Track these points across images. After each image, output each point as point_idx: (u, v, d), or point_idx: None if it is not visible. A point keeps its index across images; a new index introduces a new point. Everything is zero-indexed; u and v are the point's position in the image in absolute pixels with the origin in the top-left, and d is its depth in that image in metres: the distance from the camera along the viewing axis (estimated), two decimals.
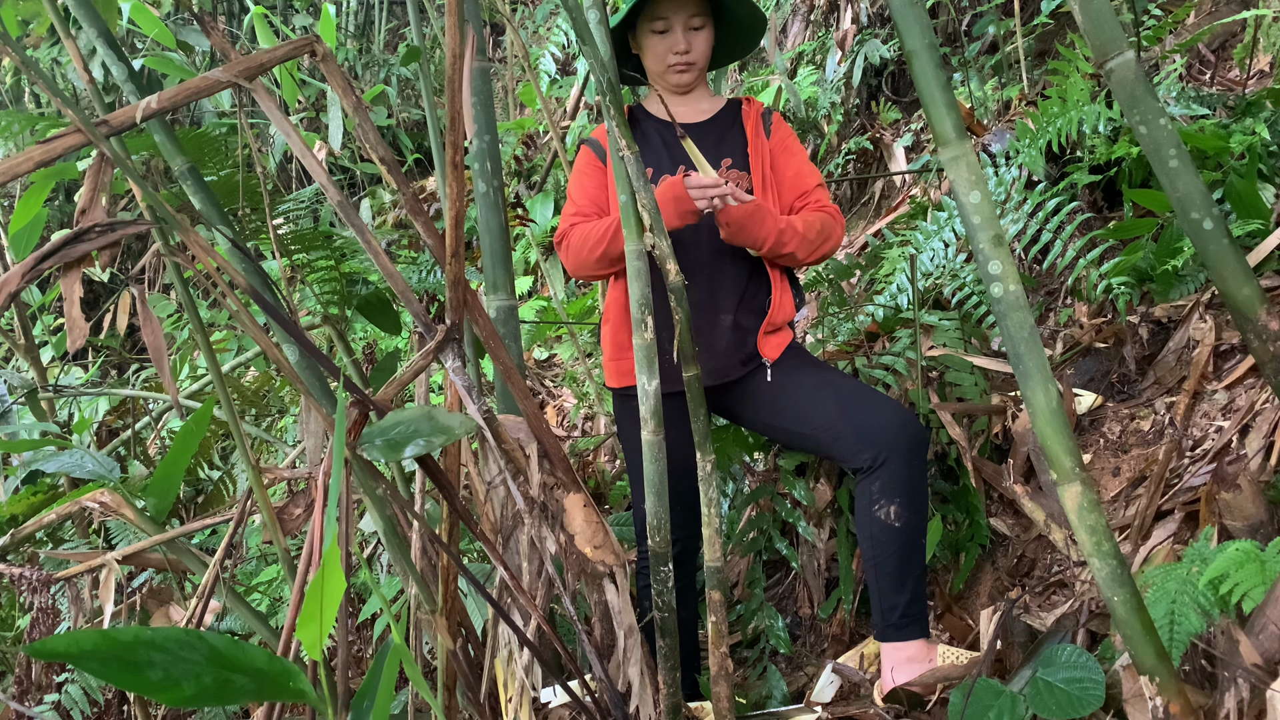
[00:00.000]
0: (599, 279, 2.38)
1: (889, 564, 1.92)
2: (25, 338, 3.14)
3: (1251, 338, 1.48)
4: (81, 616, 1.68)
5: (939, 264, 2.48)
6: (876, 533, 1.92)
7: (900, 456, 1.90)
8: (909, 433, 1.93)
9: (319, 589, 0.69)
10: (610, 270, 2.06)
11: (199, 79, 1.27)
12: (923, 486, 1.94)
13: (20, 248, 2.27)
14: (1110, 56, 1.45)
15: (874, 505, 1.91)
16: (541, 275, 4.80)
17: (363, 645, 2.66)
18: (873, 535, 1.93)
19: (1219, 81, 2.72)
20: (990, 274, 1.28)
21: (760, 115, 2.14)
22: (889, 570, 1.92)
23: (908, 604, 1.90)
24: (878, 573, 1.95)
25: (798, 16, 4.35)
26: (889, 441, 1.91)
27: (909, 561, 1.91)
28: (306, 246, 2.27)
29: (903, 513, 1.89)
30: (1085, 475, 1.28)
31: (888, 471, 1.91)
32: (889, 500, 1.90)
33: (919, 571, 1.93)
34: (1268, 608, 1.31)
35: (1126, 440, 2.13)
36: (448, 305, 1.42)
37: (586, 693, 1.59)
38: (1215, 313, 2.13)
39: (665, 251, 1.50)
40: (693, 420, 1.59)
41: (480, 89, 2.11)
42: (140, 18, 3.37)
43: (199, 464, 3.24)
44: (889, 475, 1.91)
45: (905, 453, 1.91)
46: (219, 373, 1.60)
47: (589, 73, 5.00)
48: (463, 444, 1.56)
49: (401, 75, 6.26)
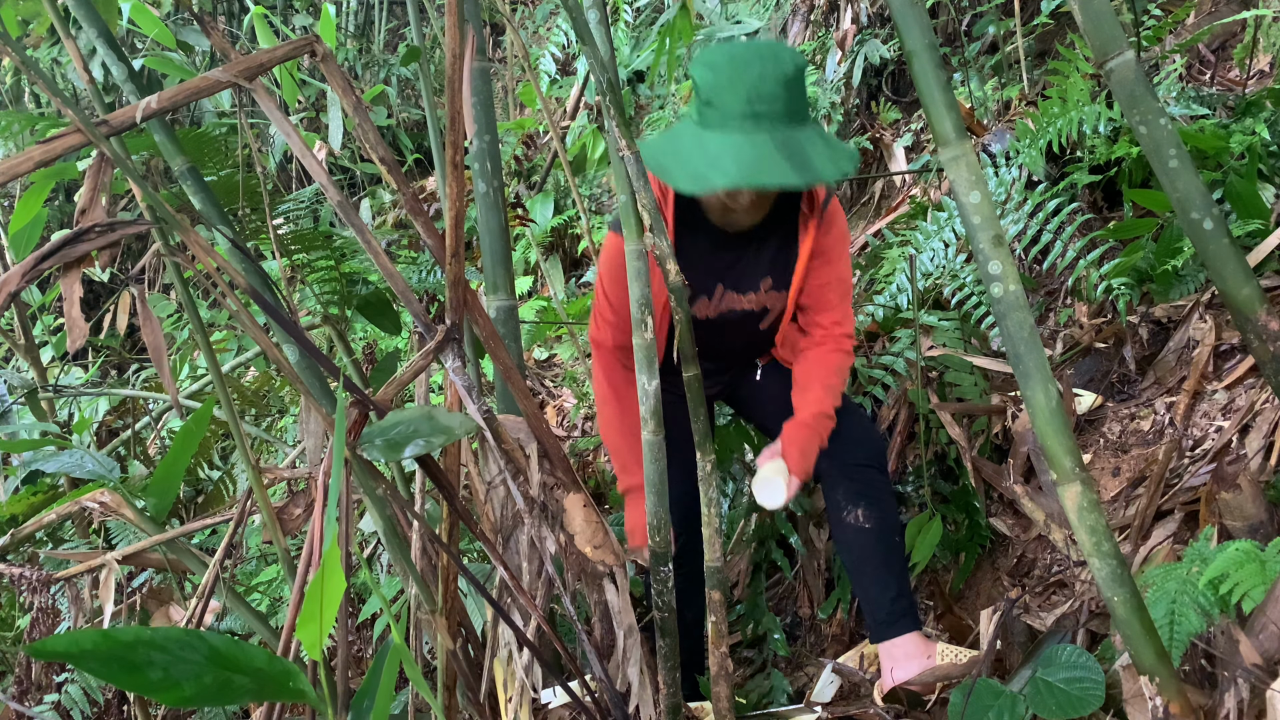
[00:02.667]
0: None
1: (868, 565, 1.96)
2: (25, 338, 3.14)
3: (1251, 338, 1.48)
4: (81, 616, 1.68)
5: (939, 264, 2.48)
6: (850, 538, 1.97)
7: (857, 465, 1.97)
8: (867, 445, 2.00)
9: (319, 589, 0.69)
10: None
11: (199, 79, 1.27)
12: (886, 490, 1.99)
13: (20, 248, 2.27)
14: (1110, 56, 1.45)
15: (842, 512, 1.97)
16: (541, 275, 4.80)
17: (363, 645, 2.66)
18: (847, 541, 1.98)
19: (1219, 81, 2.72)
20: (990, 274, 1.28)
21: (818, 215, 1.91)
22: (869, 571, 1.96)
23: (893, 600, 1.93)
24: (859, 576, 1.99)
25: (798, 16, 4.35)
26: (848, 452, 1.97)
27: (887, 560, 1.95)
28: (306, 246, 2.27)
29: (870, 514, 1.95)
30: (1085, 475, 1.28)
31: (848, 478, 1.97)
32: (854, 505, 1.96)
33: (899, 568, 1.97)
34: (1268, 608, 1.31)
35: (1126, 440, 2.13)
36: (448, 305, 1.42)
37: (586, 693, 1.59)
38: (1215, 313, 2.13)
39: (665, 251, 1.49)
40: (693, 420, 1.59)
41: (480, 89, 2.11)
42: (140, 18, 3.36)
43: (199, 464, 3.24)
44: (849, 481, 1.97)
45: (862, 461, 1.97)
46: (219, 373, 1.60)
47: (589, 73, 5.00)
48: (463, 444, 1.56)
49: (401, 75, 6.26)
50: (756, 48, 1.68)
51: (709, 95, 1.65)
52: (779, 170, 1.60)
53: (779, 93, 1.63)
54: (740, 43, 1.70)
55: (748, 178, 1.60)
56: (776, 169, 1.60)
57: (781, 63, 1.64)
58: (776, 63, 1.63)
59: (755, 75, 1.62)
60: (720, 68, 1.65)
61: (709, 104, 1.65)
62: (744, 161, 1.60)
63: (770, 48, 1.68)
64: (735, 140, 1.62)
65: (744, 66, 1.63)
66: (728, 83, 1.63)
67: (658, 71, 3.73)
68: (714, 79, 1.65)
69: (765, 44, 1.70)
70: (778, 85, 1.63)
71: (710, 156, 1.63)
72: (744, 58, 1.64)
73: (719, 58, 1.67)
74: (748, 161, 1.60)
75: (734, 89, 1.62)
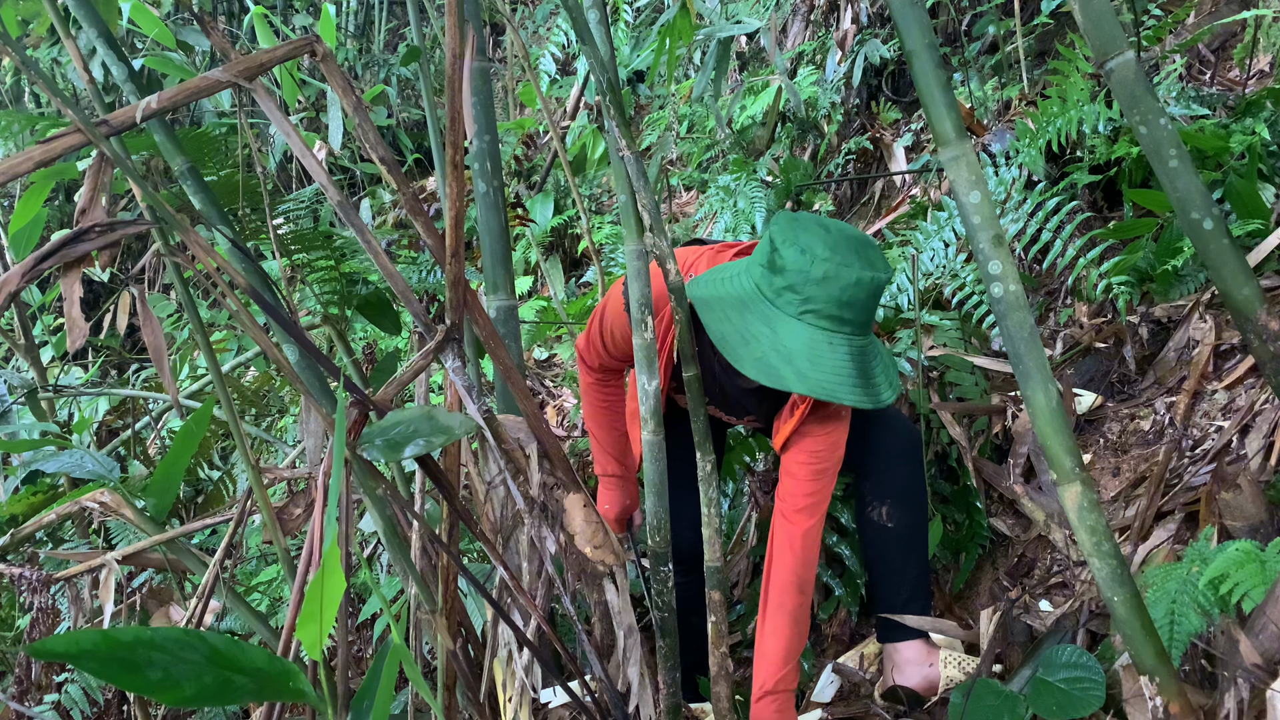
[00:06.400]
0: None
1: (885, 564, 1.94)
2: (25, 338, 3.14)
3: (1251, 338, 1.47)
4: (81, 616, 1.68)
5: (939, 264, 2.48)
6: (871, 534, 1.94)
7: (891, 459, 1.92)
8: (901, 436, 1.94)
9: (319, 589, 0.69)
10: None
11: (199, 79, 1.27)
12: (918, 489, 1.94)
13: (20, 248, 2.27)
14: (1110, 56, 1.45)
15: (867, 507, 1.95)
16: (541, 275, 4.80)
17: (363, 645, 2.66)
18: (868, 536, 1.96)
19: (1219, 81, 2.71)
20: (990, 274, 1.28)
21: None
22: (885, 570, 1.95)
23: (905, 604, 1.92)
24: (875, 573, 1.97)
25: (798, 16, 4.35)
26: (879, 445, 1.93)
27: (905, 562, 1.93)
28: (306, 246, 2.27)
29: (895, 513, 1.92)
30: (1085, 475, 1.28)
31: (879, 473, 1.93)
32: (880, 501, 1.93)
33: (916, 572, 1.94)
34: (1268, 608, 1.31)
35: (1126, 440, 2.13)
36: (448, 305, 1.42)
37: (586, 693, 1.59)
38: (1215, 313, 2.13)
39: (665, 251, 1.49)
40: (692, 420, 1.59)
41: (480, 89, 2.11)
42: (140, 18, 3.36)
43: (199, 464, 3.24)
44: (879, 477, 1.93)
45: (896, 455, 1.92)
46: (219, 373, 1.60)
47: (589, 73, 5.00)
48: (463, 444, 1.56)
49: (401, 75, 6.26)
50: (855, 244, 1.55)
51: (795, 280, 1.52)
52: (850, 390, 1.51)
53: (869, 304, 1.54)
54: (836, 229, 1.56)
55: (823, 391, 1.51)
56: (849, 388, 1.51)
57: (877, 270, 1.53)
58: (873, 269, 1.53)
59: (853, 279, 1.51)
60: (817, 257, 1.51)
61: (791, 289, 1.53)
62: (822, 369, 1.51)
63: (865, 246, 1.55)
64: (814, 339, 1.52)
65: (844, 266, 1.51)
66: (822, 277, 1.51)
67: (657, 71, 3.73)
68: (807, 266, 1.51)
69: (860, 239, 1.57)
70: (871, 296, 1.53)
71: (785, 350, 1.52)
72: (844, 254, 1.52)
73: (816, 243, 1.53)
74: (826, 371, 1.51)
75: (827, 286, 1.51)
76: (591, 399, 2.08)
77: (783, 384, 1.52)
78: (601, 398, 2.07)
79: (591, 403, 2.09)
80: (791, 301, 1.53)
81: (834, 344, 1.52)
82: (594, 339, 1.96)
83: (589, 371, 2.05)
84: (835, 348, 1.52)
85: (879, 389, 1.55)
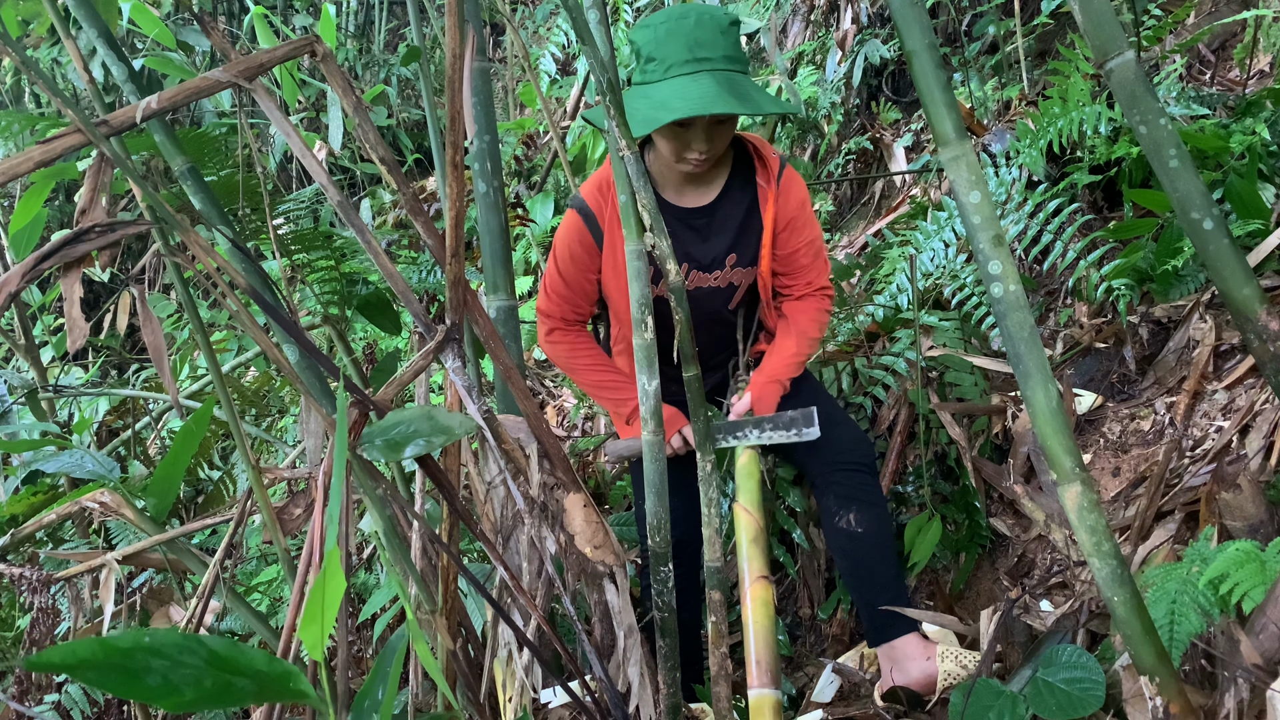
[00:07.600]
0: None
1: (863, 570, 1.98)
2: (25, 338, 3.14)
3: (1251, 338, 1.47)
4: (81, 616, 1.68)
5: (939, 264, 2.48)
6: (843, 543, 1.98)
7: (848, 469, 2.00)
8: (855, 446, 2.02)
9: (320, 589, 0.69)
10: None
11: (199, 79, 1.26)
12: (877, 493, 2.01)
13: (20, 248, 2.27)
14: (1110, 56, 1.44)
15: (835, 517, 1.99)
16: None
17: (363, 645, 2.66)
18: (840, 546, 2.00)
19: (1219, 81, 2.71)
20: (990, 274, 1.28)
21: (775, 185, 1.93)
22: (864, 576, 1.98)
23: (890, 603, 1.93)
24: (855, 580, 2.00)
25: (798, 16, 4.35)
26: (836, 457, 2.00)
27: (881, 563, 1.97)
28: (306, 246, 2.27)
29: (862, 519, 1.98)
30: (1085, 475, 1.28)
31: (839, 485, 2.00)
32: (845, 509, 1.98)
33: (894, 572, 1.98)
34: (1268, 608, 1.31)
35: (1126, 440, 2.13)
36: (448, 305, 1.42)
37: (586, 693, 1.58)
38: (1215, 313, 2.13)
39: (665, 251, 1.49)
40: (692, 420, 1.59)
41: (480, 89, 2.11)
42: (140, 18, 3.36)
43: (199, 464, 3.24)
44: (839, 488, 1.99)
45: (853, 465, 2.00)
46: (219, 373, 1.60)
47: (589, 73, 4.99)
48: (463, 444, 1.56)
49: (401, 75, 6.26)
50: (688, 5, 1.76)
51: (650, 52, 1.73)
52: (723, 102, 1.67)
53: (718, 39, 1.71)
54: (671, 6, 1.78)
55: (694, 109, 1.66)
56: (720, 100, 1.67)
57: (716, 15, 1.72)
58: (712, 14, 1.71)
59: (693, 24, 1.70)
60: (657, 25, 1.73)
61: (650, 60, 1.73)
62: (690, 98, 1.67)
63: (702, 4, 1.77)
64: (680, 83, 1.70)
65: (681, 19, 1.71)
66: (667, 35, 1.71)
67: None
68: (653, 35, 1.72)
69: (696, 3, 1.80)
70: (716, 33, 1.71)
71: (656, 101, 1.70)
72: (679, 12, 1.72)
73: (654, 18, 1.75)
74: (693, 97, 1.67)
75: (673, 40, 1.70)
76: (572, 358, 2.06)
77: (659, 121, 1.67)
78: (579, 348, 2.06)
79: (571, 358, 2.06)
80: (655, 70, 1.72)
81: (698, 79, 1.69)
82: (552, 282, 2.01)
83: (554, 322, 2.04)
84: (702, 82, 1.68)
85: (758, 101, 1.71)
